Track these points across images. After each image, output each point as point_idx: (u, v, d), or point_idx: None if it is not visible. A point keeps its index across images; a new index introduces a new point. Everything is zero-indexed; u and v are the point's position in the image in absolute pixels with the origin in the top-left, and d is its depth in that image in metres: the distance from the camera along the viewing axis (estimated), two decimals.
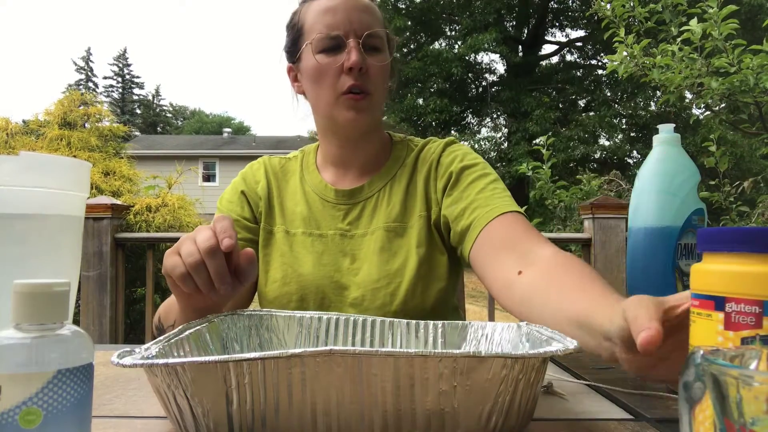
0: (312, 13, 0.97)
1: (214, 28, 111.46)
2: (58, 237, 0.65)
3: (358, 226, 1.01)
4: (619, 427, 0.55)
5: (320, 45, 0.94)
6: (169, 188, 4.49)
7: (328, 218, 1.02)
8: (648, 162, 0.82)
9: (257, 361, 0.46)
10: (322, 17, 0.95)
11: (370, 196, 1.02)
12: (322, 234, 1.01)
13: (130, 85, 39.12)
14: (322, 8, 0.95)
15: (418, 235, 0.98)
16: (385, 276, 0.96)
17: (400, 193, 1.02)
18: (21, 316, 0.36)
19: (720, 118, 3.64)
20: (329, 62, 0.94)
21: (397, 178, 1.03)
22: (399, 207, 1.00)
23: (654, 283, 0.79)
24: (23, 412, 0.34)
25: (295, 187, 1.06)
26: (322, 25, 0.94)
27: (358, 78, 0.93)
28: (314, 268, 0.98)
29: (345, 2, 0.95)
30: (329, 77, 0.94)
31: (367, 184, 1.03)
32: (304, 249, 1.00)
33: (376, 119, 1.00)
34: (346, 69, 0.93)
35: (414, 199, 1.02)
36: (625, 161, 13.57)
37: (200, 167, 20.73)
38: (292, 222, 1.03)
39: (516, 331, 0.67)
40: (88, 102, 5.54)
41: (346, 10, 0.94)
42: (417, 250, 0.97)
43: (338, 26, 0.93)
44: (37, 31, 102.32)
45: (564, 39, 16.30)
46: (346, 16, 0.94)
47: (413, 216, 1.00)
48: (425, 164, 1.03)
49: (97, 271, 2.35)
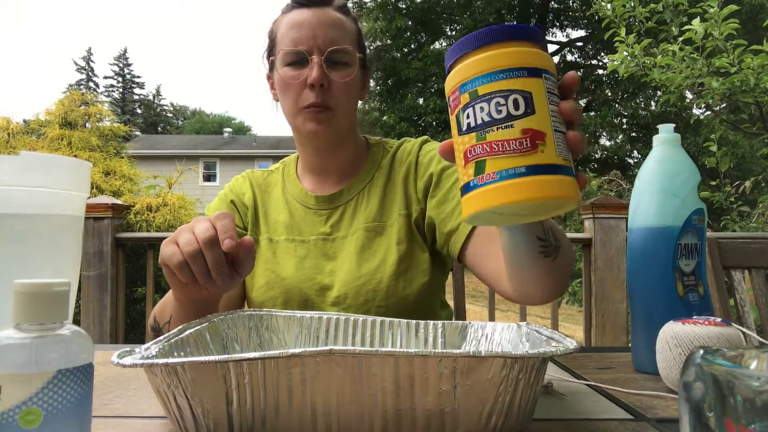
0: (282, 26, 1.00)
1: (214, 27, 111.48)
2: (58, 237, 0.65)
3: (339, 229, 1.03)
4: (619, 427, 0.55)
5: (286, 59, 0.97)
6: (170, 188, 4.49)
7: (309, 224, 1.05)
8: (648, 162, 0.82)
9: (257, 361, 0.46)
10: (289, 32, 0.97)
11: (350, 199, 1.05)
12: (304, 240, 1.04)
13: (130, 85, 39.12)
14: (290, 23, 0.98)
15: (398, 233, 1.01)
16: (366, 273, 0.98)
17: (378, 194, 1.04)
18: (21, 316, 0.36)
19: (720, 118, 3.64)
20: (294, 76, 0.97)
21: (375, 180, 1.06)
22: (377, 207, 1.03)
23: (654, 283, 0.79)
24: (23, 412, 0.34)
25: (278, 197, 1.10)
26: (288, 39, 0.97)
27: (319, 94, 0.95)
28: (296, 271, 1.01)
29: (312, 18, 0.97)
30: (293, 91, 0.97)
31: (346, 189, 1.05)
32: (287, 254, 1.03)
33: (340, 130, 1.02)
34: (308, 85, 0.95)
35: (392, 198, 1.04)
36: (625, 161, 13.56)
37: (201, 167, 20.74)
38: (275, 230, 1.06)
39: (516, 331, 0.67)
40: (88, 102, 5.54)
41: (312, 26, 0.96)
42: (397, 247, 1.00)
43: (303, 41, 0.96)
44: (38, 31, 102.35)
45: (564, 39, 16.31)
46: (312, 32, 0.96)
47: (392, 214, 1.03)
48: (402, 164, 1.06)
49: (98, 271, 2.36)
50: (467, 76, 0.52)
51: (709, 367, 0.28)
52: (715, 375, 0.28)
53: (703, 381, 0.29)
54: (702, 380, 0.29)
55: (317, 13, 0.97)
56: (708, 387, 0.28)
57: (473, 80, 0.52)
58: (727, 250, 1.44)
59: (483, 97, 0.51)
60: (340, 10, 1.00)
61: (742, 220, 3.54)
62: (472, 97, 0.52)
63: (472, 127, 0.51)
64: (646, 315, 0.79)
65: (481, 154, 0.50)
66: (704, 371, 0.29)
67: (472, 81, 0.52)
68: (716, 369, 0.28)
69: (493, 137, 0.50)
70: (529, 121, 0.50)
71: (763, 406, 0.25)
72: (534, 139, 0.50)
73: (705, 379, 0.28)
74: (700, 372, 0.29)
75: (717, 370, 0.28)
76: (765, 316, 1.40)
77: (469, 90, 0.52)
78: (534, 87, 0.51)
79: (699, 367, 0.29)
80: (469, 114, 0.52)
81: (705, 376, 0.28)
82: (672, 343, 0.68)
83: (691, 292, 0.79)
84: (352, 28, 1.02)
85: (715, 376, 0.28)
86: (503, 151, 0.50)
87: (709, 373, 0.28)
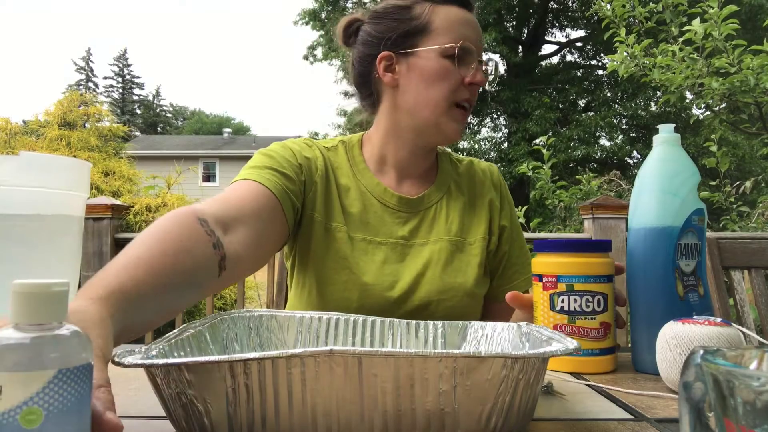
0: (445, 17, 0.96)
1: (214, 28, 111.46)
2: (58, 237, 0.65)
3: (417, 236, 1.01)
4: (619, 427, 0.55)
5: (452, 52, 0.94)
6: (169, 188, 4.49)
7: (386, 224, 1.00)
8: (648, 162, 0.82)
9: (257, 361, 0.46)
10: (461, 27, 0.96)
11: (429, 206, 1.03)
12: (381, 242, 0.99)
13: (130, 86, 39.12)
14: (461, 18, 0.97)
15: (480, 255, 1.03)
16: (450, 288, 0.97)
17: (458, 208, 1.04)
18: (20, 316, 0.36)
19: (720, 119, 3.64)
20: (454, 71, 0.95)
21: (453, 194, 1.06)
22: (458, 222, 1.03)
23: (654, 283, 0.79)
24: (24, 412, 0.34)
25: (348, 183, 1.01)
26: (459, 35, 0.95)
27: (474, 94, 0.97)
28: (377, 276, 0.96)
29: (474, 21, 0.99)
30: (449, 84, 0.95)
31: (427, 195, 1.03)
32: (364, 255, 0.97)
33: None
34: (467, 83, 0.95)
35: (476, 218, 1.06)
36: (625, 161, 13.56)
37: (200, 167, 20.73)
38: (351, 224, 0.98)
39: (516, 331, 0.67)
40: (88, 102, 5.55)
41: (477, 29, 0.99)
42: (478, 269, 1.01)
43: (475, 42, 0.96)
44: (38, 31, 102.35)
45: (564, 39, 16.29)
46: (478, 35, 0.98)
47: (474, 235, 1.04)
48: (484, 187, 1.09)
49: (97, 271, 2.35)
50: (568, 272, 0.73)
51: (709, 367, 0.28)
52: (715, 375, 0.28)
53: (703, 381, 0.29)
54: (702, 380, 0.29)
55: (474, 17, 0.99)
56: (708, 387, 0.28)
57: (572, 277, 0.73)
58: (726, 250, 1.44)
59: (577, 292, 0.73)
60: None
61: (741, 220, 3.54)
62: (569, 289, 0.73)
63: (565, 311, 0.74)
64: (646, 315, 0.79)
65: (570, 333, 0.73)
66: (704, 371, 0.29)
67: (570, 277, 0.73)
68: (716, 369, 0.28)
69: (581, 324, 0.73)
70: (604, 316, 0.74)
71: (763, 406, 0.25)
72: (606, 329, 0.74)
73: (705, 379, 0.28)
74: (700, 372, 0.29)
75: (717, 370, 0.28)
76: (765, 316, 1.40)
77: (566, 283, 0.73)
78: (609, 290, 0.75)
79: (699, 367, 0.29)
80: (564, 300, 0.73)
81: (705, 376, 0.28)
82: (672, 343, 0.68)
83: (691, 292, 0.79)
84: None
85: (715, 376, 0.28)
86: (587, 336, 0.74)
87: (709, 373, 0.28)
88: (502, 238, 1.07)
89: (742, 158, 7.88)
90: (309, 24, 14.30)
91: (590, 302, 0.73)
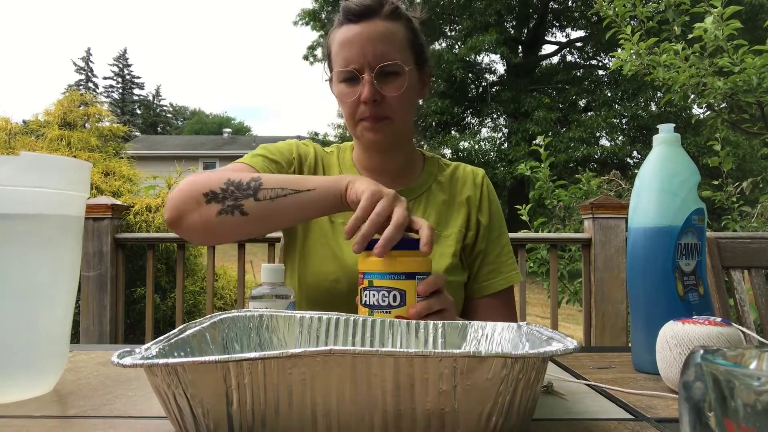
0: (335, 43, 1.02)
1: (214, 28, 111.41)
2: (58, 237, 0.65)
3: None
4: (619, 427, 0.55)
5: (340, 77, 1.01)
6: (169, 188, 4.49)
7: None
8: (648, 162, 0.82)
9: (257, 361, 0.46)
10: (341, 50, 1.00)
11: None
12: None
13: (130, 86, 39.11)
14: (341, 40, 1.00)
15: (455, 246, 1.07)
16: None
17: (436, 206, 1.11)
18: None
19: (722, 118, 3.64)
20: (348, 93, 1.00)
21: (433, 193, 1.12)
22: (435, 216, 1.09)
23: (654, 282, 0.79)
24: None
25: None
26: (341, 59, 1.00)
27: (373, 108, 1.00)
28: (354, 256, 1.02)
29: (361, 34, 0.99)
30: (349, 106, 1.01)
31: (402, 192, 1.07)
32: (342, 236, 1.05)
33: (398, 134, 1.05)
34: (362, 101, 0.99)
35: (454, 213, 1.11)
36: (625, 161, 13.56)
37: (200, 167, 20.73)
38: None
39: (516, 331, 0.67)
40: (88, 102, 5.54)
41: (361, 43, 0.98)
42: (452, 258, 1.06)
43: (353, 60, 0.99)
44: (37, 31, 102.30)
45: (564, 39, 16.30)
46: (361, 49, 0.98)
47: (451, 227, 1.09)
48: (465, 186, 1.13)
49: (97, 271, 2.36)
50: (370, 269, 0.78)
51: (709, 367, 0.28)
52: (715, 375, 0.28)
53: (703, 381, 0.29)
54: (702, 380, 0.29)
55: (366, 27, 0.99)
56: (708, 387, 0.28)
57: (373, 273, 0.78)
58: (726, 250, 1.44)
59: (376, 288, 0.78)
60: (390, 18, 1.01)
61: (742, 219, 3.54)
62: (370, 285, 0.78)
63: (367, 305, 0.78)
64: (646, 315, 0.79)
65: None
66: (704, 371, 0.29)
67: (372, 273, 0.78)
68: (716, 369, 0.28)
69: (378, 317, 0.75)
70: (400, 311, 0.77)
71: (763, 406, 0.25)
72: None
73: (705, 379, 0.28)
74: (700, 372, 0.29)
75: (717, 370, 0.28)
76: (765, 316, 1.40)
77: (368, 279, 0.78)
78: (408, 286, 0.78)
79: (699, 367, 0.29)
80: (367, 294, 0.78)
81: (705, 376, 0.28)
82: (672, 343, 0.67)
83: (691, 292, 0.79)
84: (402, 34, 1.02)
85: (715, 376, 0.28)
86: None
87: (709, 372, 0.28)
88: (479, 235, 1.11)
89: (742, 158, 7.88)
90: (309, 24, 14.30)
91: (386, 297, 0.77)
